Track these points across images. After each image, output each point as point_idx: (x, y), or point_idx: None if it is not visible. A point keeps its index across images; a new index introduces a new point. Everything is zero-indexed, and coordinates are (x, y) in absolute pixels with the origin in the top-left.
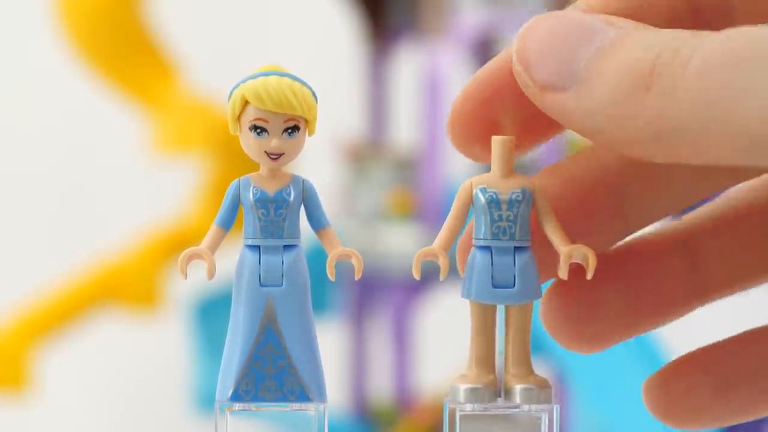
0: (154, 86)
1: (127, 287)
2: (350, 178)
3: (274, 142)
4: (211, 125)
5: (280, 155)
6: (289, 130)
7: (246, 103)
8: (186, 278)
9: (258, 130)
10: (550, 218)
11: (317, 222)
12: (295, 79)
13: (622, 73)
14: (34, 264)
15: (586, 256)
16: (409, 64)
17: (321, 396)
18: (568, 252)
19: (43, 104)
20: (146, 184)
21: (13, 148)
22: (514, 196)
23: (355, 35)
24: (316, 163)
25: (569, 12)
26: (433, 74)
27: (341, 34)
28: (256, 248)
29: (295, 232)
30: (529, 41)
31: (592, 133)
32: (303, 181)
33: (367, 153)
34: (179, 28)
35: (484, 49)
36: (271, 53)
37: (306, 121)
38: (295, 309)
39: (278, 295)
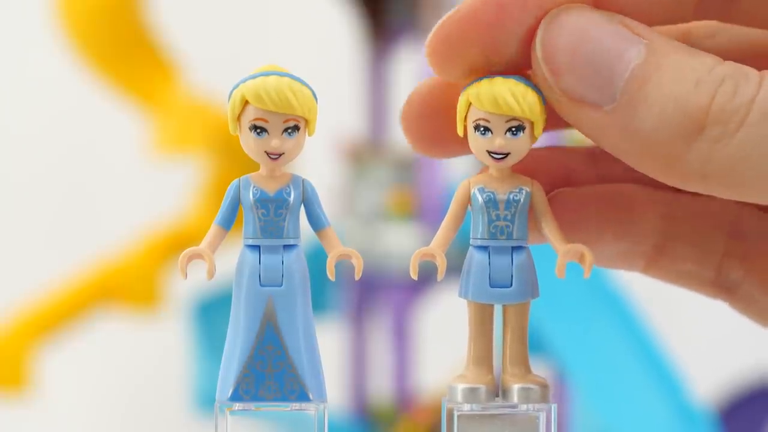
0: (155, 86)
1: (127, 287)
2: (350, 178)
3: (274, 142)
4: (211, 125)
5: (280, 155)
6: (289, 130)
7: (246, 103)
8: (186, 278)
9: (258, 130)
10: (547, 218)
11: (317, 222)
12: (295, 79)
13: (671, 108)
14: (34, 264)
15: (583, 254)
16: (409, 64)
17: (321, 396)
18: (565, 251)
19: (43, 104)
20: (146, 184)
21: (13, 148)
22: (511, 196)
23: (355, 35)
24: (316, 163)
25: (589, 12)
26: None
27: (341, 34)
28: (256, 248)
29: (295, 232)
30: (557, 46)
31: (627, 155)
32: (303, 180)
33: (367, 153)
34: (179, 28)
35: None
36: (271, 53)
37: (306, 121)
38: (295, 309)
39: (278, 295)
